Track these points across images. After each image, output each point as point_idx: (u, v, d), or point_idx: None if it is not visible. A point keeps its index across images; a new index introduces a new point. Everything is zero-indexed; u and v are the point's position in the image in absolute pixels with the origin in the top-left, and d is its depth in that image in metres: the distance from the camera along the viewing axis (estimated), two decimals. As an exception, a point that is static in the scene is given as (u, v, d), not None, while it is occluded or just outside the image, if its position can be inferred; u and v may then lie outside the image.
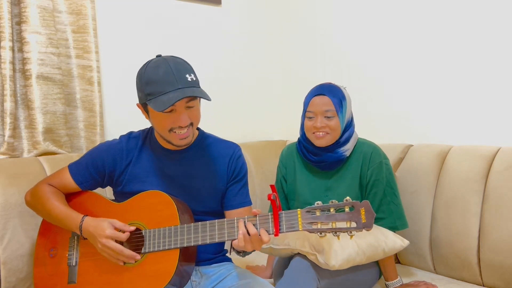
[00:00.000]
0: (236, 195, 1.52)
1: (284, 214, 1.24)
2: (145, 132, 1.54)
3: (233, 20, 2.56)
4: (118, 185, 1.50)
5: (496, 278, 1.67)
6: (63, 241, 1.46)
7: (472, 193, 1.74)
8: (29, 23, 1.77)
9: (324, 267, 1.49)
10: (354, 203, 1.20)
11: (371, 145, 1.71)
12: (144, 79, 1.36)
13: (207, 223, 1.32)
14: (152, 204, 1.39)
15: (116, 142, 1.52)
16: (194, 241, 1.31)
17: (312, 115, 1.63)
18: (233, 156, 1.52)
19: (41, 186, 1.48)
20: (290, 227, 1.23)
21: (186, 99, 1.33)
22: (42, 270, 1.47)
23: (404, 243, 1.59)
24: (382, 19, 2.24)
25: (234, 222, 1.29)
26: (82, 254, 1.43)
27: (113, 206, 1.45)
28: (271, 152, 1.90)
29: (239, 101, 2.60)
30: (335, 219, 1.19)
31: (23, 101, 1.83)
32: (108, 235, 1.31)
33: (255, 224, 1.26)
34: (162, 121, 1.37)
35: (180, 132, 1.37)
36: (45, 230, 1.51)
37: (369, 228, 1.18)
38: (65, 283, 1.42)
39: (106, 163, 1.47)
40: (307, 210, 1.22)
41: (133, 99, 2.27)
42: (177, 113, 1.34)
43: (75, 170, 1.49)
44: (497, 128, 1.86)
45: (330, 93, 1.62)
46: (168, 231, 1.34)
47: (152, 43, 2.23)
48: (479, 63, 1.90)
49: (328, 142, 1.64)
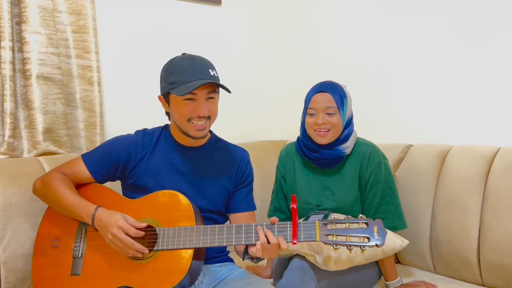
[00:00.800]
0: (243, 200, 1.58)
1: (302, 225, 1.28)
2: (160, 129, 1.58)
3: (233, 20, 2.56)
4: (130, 178, 1.51)
5: (496, 278, 1.67)
6: (69, 232, 1.45)
7: (472, 193, 1.74)
8: (29, 23, 1.77)
9: (323, 268, 1.49)
10: (368, 221, 1.26)
11: (370, 145, 1.71)
12: (170, 70, 1.44)
13: (224, 226, 1.34)
14: (167, 203, 1.40)
15: (131, 135, 1.55)
16: (210, 242, 1.32)
17: (314, 112, 1.64)
18: (242, 160, 1.59)
19: (53, 174, 1.49)
20: (308, 237, 1.27)
21: (207, 90, 1.41)
22: (42, 260, 1.45)
23: (404, 243, 1.59)
24: (382, 19, 2.24)
25: (252, 228, 1.31)
26: (90, 247, 1.41)
27: (127, 202, 1.46)
28: (271, 152, 1.91)
29: (239, 101, 2.60)
30: (350, 233, 1.25)
31: (23, 101, 1.83)
32: (120, 226, 1.31)
33: (273, 232, 1.29)
34: (182, 109, 1.41)
35: (198, 123, 1.42)
36: (49, 220, 1.49)
37: (380, 245, 1.24)
38: (67, 275, 1.40)
39: (122, 155, 1.49)
40: (324, 222, 1.27)
41: (133, 99, 2.27)
42: (198, 102, 1.41)
43: (89, 159, 1.50)
44: (497, 128, 1.86)
45: (331, 90, 1.64)
46: (184, 231, 1.34)
47: (152, 43, 2.23)
48: (479, 63, 1.90)
49: (330, 139, 1.65)
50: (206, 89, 1.40)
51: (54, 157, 1.80)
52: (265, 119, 2.73)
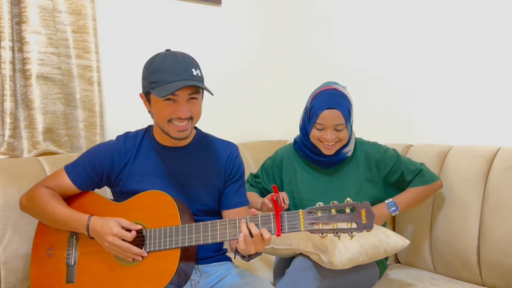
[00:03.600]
0: (234, 195, 1.53)
1: (286, 215, 1.25)
2: (143, 131, 1.54)
3: (233, 20, 2.55)
4: (116, 186, 1.49)
5: (496, 278, 1.68)
6: (61, 241, 1.45)
7: (472, 193, 1.74)
8: (29, 23, 1.77)
9: (328, 267, 1.49)
10: (354, 204, 1.21)
11: (369, 143, 1.76)
12: (151, 68, 1.39)
13: (209, 223, 1.32)
14: (152, 204, 1.39)
15: (113, 142, 1.51)
16: (195, 240, 1.31)
17: (322, 127, 1.63)
18: (230, 155, 1.54)
19: (38, 189, 1.46)
20: (292, 227, 1.24)
21: (188, 91, 1.36)
22: (39, 270, 1.46)
23: (405, 242, 1.59)
24: (382, 19, 2.24)
25: (235, 222, 1.29)
26: (81, 254, 1.42)
27: (113, 206, 1.44)
28: (271, 152, 1.91)
29: (239, 101, 2.60)
30: (336, 220, 1.21)
31: (23, 101, 1.83)
32: (115, 233, 1.30)
33: (257, 225, 1.27)
34: (162, 110, 1.37)
35: (179, 124, 1.38)
36: (42, 230, 1.50)
37: (369, 229, 1.20)
38: (63, 283, 1.41)
39: (104, 163, 1.47)
40: (308, 211, 1.23)
41: (133, 99, 2.26)
42: (179, 104, 1.36)
43: (73, 171, 1.48)
44: (497, 128, 1.86)
45: (339, 106, 1.61)
46: (169, 231, 1.33)
47: (152, 43, 2.22)
48: (479, 63, 1.90)
49: (336, 149, 1.67)
50: (187, 90, 1.36)
51: (54, 157, 1.80)
52: (265, 119, 2.73)
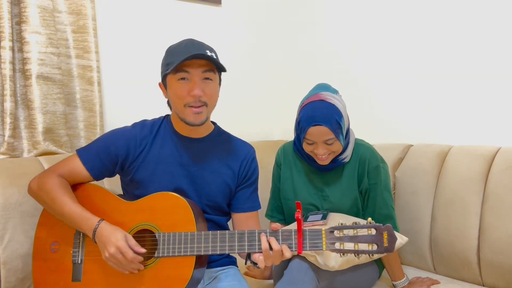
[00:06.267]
0: (248, 200, 1.51)
1: (308, 233, 1.23)
2: (161, 119, 1.51)
3: (233, 20, 2.55)
4: (128, 174, 1.45)
5: (496, 278, 1.67)
6: (67, 237, 1.40)
7: (472, 193, 1.74)
8: (29, 23, 1.77)
9: (324, 268, 1.48)
10: (377, 226, 1.19)
11: (368, 147, 1.69)
12: (167, 53, 1.41)
13: (226, 232, 1.29)
14: (166, 206, 1.34)
15: (129, 128, 1.47)
16: (212, 250, 1.28)
17: (312, 143, 1.57)
18: (247, 156, 1.52)
19: (50, 178, 1.40)
20: (314, 246, 1.22)
21: (201, 69, 1.35)
22: (42, 264, 1.42)
23: (403, 240, 1.58)
24: (380, 19, 2.24)
25: (255, 235, 1.26)
26: (88, 253, 1.38)
27: (124, 205, 1.39)
28: (271, 152, 1.91)
29: (239, 101, 2.60)
30: (358, 240, 1.19)
31: (23, 101, 1.83)
32: (119, 246, 1.25)
33: (278, 239, 1.24)
34: (177, 91, 1.36)
35: (194, 107, 1.35)
36: (46, 222, 1.45)
37: (390, 252, 1.19)
38: (68, 280, 1.38)
39: (120, 151, 1.42)
40: (330, 230, 1.21)
41: (132, 99, 2.26)
42: (192, 82, 1.35)
43: (86, 156, 1.42)
44: (497, 128, 1.86)
45: (325, 121, 1.51)
46: (185, 237, 1.29)
47: (152, 43, 2.22)
48: (479, 63, 1.90)
49: (331, 159, 1.62)
50: (200, 67, 1.34)
51: (54, 157, 1.80)
52: (265, 119, 2.73)
